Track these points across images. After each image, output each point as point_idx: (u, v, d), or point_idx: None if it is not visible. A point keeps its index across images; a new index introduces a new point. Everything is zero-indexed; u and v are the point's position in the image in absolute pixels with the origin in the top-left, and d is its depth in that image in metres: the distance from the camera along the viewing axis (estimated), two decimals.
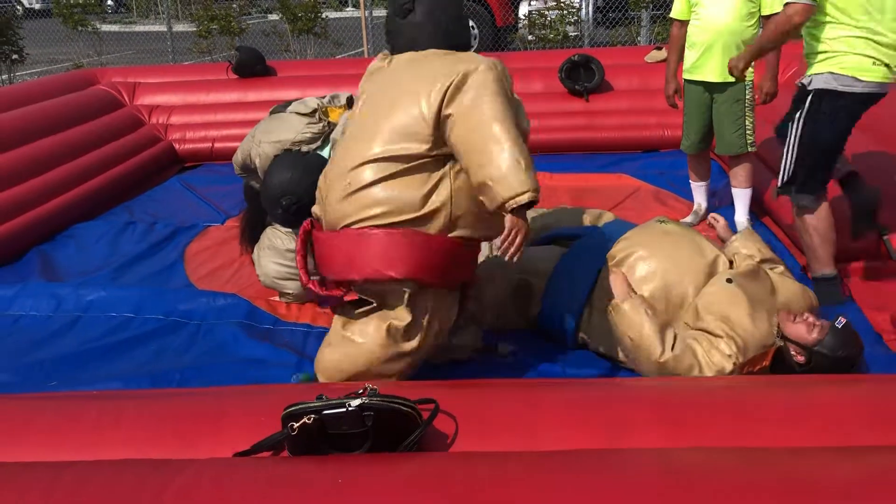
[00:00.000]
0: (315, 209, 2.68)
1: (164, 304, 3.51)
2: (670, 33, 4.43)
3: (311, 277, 2.63)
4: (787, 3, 3.06)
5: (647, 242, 2.93)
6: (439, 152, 2.45)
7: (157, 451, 1.90)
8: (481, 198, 2.40)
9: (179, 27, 14.77)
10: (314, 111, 3.47)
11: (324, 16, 10.78)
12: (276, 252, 3.55)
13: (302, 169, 3.25)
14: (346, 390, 1.92)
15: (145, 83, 6.81)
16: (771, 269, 2.92)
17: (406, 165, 2.42)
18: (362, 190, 2.44)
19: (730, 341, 2.58)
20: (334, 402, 1.80)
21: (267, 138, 3.44)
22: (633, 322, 2.68)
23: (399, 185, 2.42)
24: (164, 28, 12.28)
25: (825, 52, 3.08)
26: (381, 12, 16.49)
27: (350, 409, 1.77)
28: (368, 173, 2.44)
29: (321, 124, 3.43)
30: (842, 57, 3.05)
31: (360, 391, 1.86)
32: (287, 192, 3.21)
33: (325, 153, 3.37)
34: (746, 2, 3.95)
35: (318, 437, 1.79)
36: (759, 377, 2.52)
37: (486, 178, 2.33)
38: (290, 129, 3.42)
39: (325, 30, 10.67)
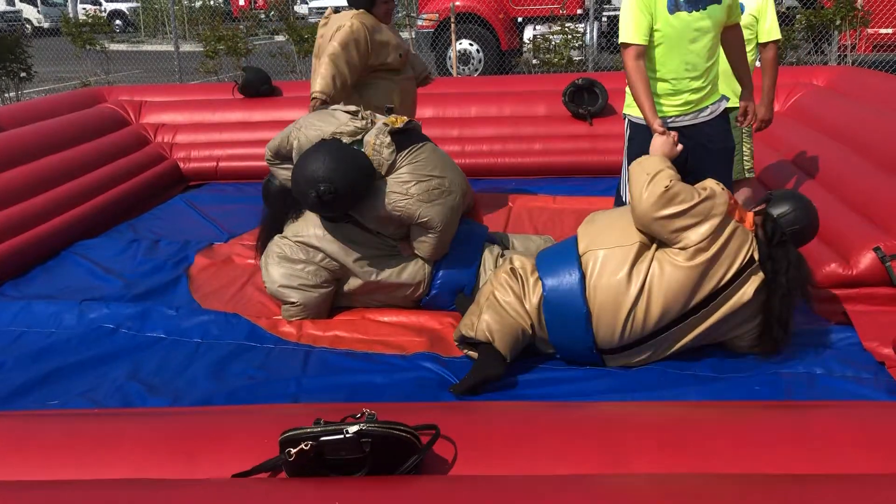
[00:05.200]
0: None
1: (166, 322, 3.52)
2: None
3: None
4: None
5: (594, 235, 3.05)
6: None
7: (157, 470, 1.90)
8: None
9: (187, 47, 14.90)
10: (357, 111, 3.65)
11: None
12: (284, 260, 3.59)
13: (341, 158, 3.33)
14: (344, 413, 1.92)
15: (151, 101, 6.86)
16: None
17: None
18: None
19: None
20: (332, 427, 1.79)
21: (310, 124, 3.59)
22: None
23: None
24: (171, 48, 12.40)
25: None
26: None
27: (348, 435, 1.76)
28: None
29: (364, 122, 3.59)
30: None
31: (359, 415, 1.85)
32: (324, 179, 3.26)
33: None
34: (744, 28, 3.97)
35: (316, 462, 1.78)
36: (758, 403, 2.51)
37: None
38: (333, 122, 3.58)
39: None
